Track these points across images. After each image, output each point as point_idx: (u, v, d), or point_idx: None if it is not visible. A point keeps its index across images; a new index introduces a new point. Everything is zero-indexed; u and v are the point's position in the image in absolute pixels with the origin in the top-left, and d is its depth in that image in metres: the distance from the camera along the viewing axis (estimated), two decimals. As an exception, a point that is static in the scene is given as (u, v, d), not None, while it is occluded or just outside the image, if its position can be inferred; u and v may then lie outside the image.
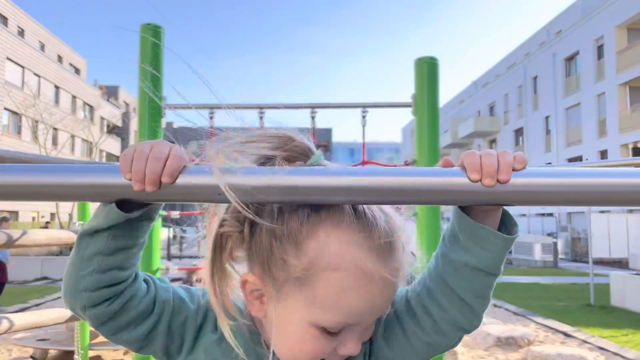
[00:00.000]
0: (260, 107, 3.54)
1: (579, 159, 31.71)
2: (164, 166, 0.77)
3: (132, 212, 0.83)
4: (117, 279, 0.87)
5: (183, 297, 0.96)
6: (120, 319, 0.89)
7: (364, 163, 3.51)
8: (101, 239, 0.84)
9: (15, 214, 33.01)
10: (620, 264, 19.91)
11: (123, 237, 0.85)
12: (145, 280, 0.93)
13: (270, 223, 0.85)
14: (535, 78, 37.93)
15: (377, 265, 0.85)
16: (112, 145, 46.87)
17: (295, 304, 0.88)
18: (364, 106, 3.66)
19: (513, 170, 0.77)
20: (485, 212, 0.85)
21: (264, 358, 0.94)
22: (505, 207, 0.88)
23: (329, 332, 0.87)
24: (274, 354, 0.92)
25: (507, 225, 0.88)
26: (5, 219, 11.07)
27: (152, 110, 3.25)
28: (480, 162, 0.78)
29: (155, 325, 0.92)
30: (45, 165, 0.76)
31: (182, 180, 0.77)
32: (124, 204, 0.83)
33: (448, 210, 0.86)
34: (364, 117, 3.64)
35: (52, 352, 6.41)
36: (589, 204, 0.75)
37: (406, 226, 0.93)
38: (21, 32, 36.00)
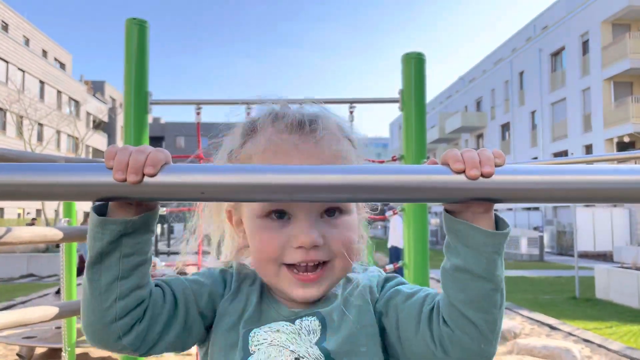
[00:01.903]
0: (247, 103, 3.52)
1: (564, 153, 31.99)
2: (147, 157, 0.77)
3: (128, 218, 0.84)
4: (141, 298, 0.88)
5: (196, 279, 1.01)
6: (153, 330, 0.91)
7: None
8: (112, 263, 0.84)
9: (0, 210, 32.66)
10: (605, 257, 20.15)
11: (132, 254, 0.85)
12: (157, 284, 0.95)
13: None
14: (521, 73, 38.18)
15: (291, 139, 0.95)
16: (99, 140, 46.48)
17: (245, 206, 1.00)
18: (352, 102, 3.65)
19: (495, 165, 0.78)
20: (474, 215, 0.84)
21: (266, 297, 1.02)
22: (500, 217, 0.86)
23: (276, 220, 0.95)
24: (270, 290, 1.02)
25: (501, 229, 0.86)
26: None
27: (138, 105, 3.23)
28: (462, 155, 0.79)
29: (186, 316, 0.96)
30: (25, 165, 0.75)
31: (165, 178, 0.76)
32: (116, 216, 0.84)
33: (435, 205, 0.86)
34: (351, 112, 3.64)
35: (39, 350, 6.37)
36: (574, 201, 0.76)
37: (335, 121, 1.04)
38: (5, 27, 35.51)
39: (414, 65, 3.51)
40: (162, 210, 4.32)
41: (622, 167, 0.75)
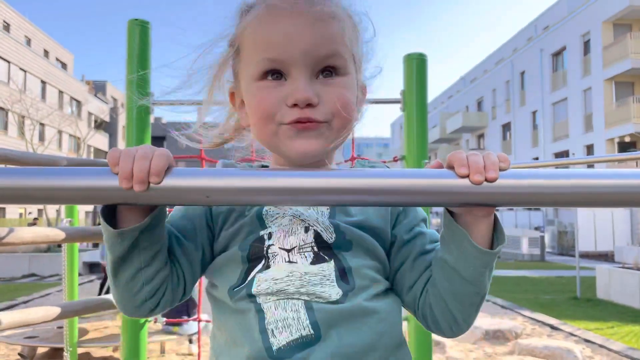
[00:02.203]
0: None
1: (565, 153, 31.96)
2: (150, 164, 0.77)
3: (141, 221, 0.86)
4: (164, 277, 0.92)
5: (182, 215, 1.02)
6: (177, 295, 0.97)
7: (352, 159, 3.52)
8: (133, 260, 0.88)
9: (2, 210, 32.70)
10: (606, 257, 20.13)
11: (150, 246, 0.89)
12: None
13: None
14: (522, 73, 38.14)
15: (286, 7, 0.92)
16: (100, 140, 46.51)
17: (243, 77, 0.99)
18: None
19: (500, 170, 0.78)
20: (474, 218, 0.87)
21: None
22: (498, 218, 0.89)
23: (272, 80, 0.94)
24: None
25: (497, 237, 0.89)
26: None
27: (140, 106, 3.23)
28: (467, 159, 0.79)
29: (196, 261, 0.98)
30: (34, 169, 0.76)
31: (170, 182, 0.77)
32: (125, 219, 0.86)
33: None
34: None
35: (41, 350, 6.37)
36: (578, 205, 0.76)
37: None
38: (7, 27, 35.55)
39: (416, 66, 3.51)
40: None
41: (625, 171, 0.75)
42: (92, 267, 15.08)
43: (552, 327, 8.28)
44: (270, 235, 0.95)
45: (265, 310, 0.90)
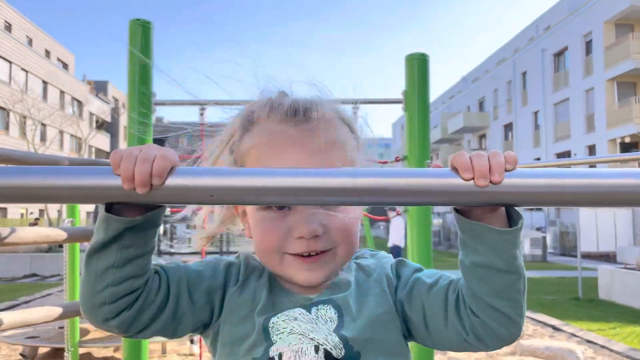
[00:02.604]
0: (249, 103, 3.51)
1: (567, 154, 31.93)
2: (152, 167, 0.77)
3: (134, 217, 0.84)
4: (133, 288, 0.89)
5: (196, 269, 1.01)
6: (140, 319, 0.92)
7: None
8: (110, 253, 0.85)
9: (3, 210, 32.74)
10: (608, 257, 20.09)
11: (131, 247, 0.86)
12: (157, 272, 0.95)
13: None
14: (524, 73, 38.11)
15: (287, 129, 0.96)
16: (102, 141, 46.55)
17: None
18: (355, 102, 3.66)
19: (505, 170, 0.78)
20: (484, 211, 0.85)
21: (276, 287, 1.02)
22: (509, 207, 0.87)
23: (276, 211, 0.95)
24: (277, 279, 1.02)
25: (514, 219, 0.87)
26: None
27: (142, 106, 3.23)
28: (472, 163, 0.78)
29: (176, 307, 0.95)
30: (37, 167, 0.76)
31: (173, 182, 0.77)
32: (124, 212, 0.84)
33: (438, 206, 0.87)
34: (354, 112, 3.64)
35: (42, 350, 6.38)
36: (582, 204, 0.76)
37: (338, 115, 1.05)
38: (8, 27, 35.60)
39: (417, 66, 3.51)
40: (167, 211, 4.32)
41: (626, 170, 0.75)
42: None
43: (554, 328, 8.27)
44: (280, 356, 0.94)
45: None
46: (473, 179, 0.77)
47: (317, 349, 0.94)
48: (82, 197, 0.77)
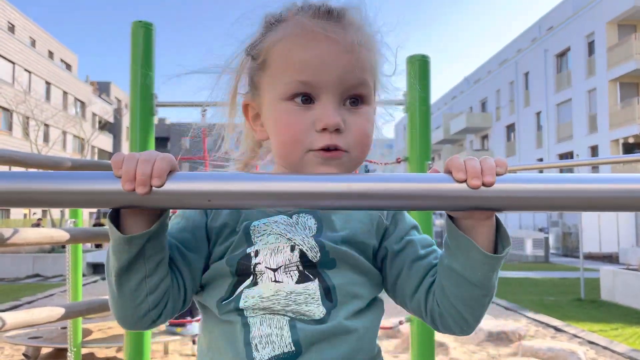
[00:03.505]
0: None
1: (569, 154, 31.87)
2: (153, 168, 0.78)
3: (149, 226, 0.86)
4: (167, 286, 0.93)
5: (178, 225, 1.02)
6: (177, 306, 0.97)
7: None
8: (139, 268, 0.89)
9: (6, 211, 32.80)
10: (611, 258, 20.06)
11: (154, 255, 0.89)
12: None
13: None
14: (526, 74, 38.06)
15: (319, 23, 0.93)
16: (104, 141, 46.63)
17: (267, 92, 0.99)
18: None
19: (497, 174, 0.79)
20: (476, 221, 0.88)
21: None
22: (500, 220, 0.90)
23: (300, 103, 0.94)
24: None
25: (502, 240, 0.90)
26: None
27: (144, 107, 3.24)
28: (465, 164, 0.80)
29: (191, 271, 0.98)
30: (38, 172, 0.77)
31: (172, 186, 0.78)
32: (127, 226, 0.86)
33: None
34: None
35: (45, 350, 6.39)
36: (575, 209, 0.77)
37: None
38: (11, 28, 35.68)
39: (419, 67, 3.52)
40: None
41: (622, 175, 0.75)
42: (96, 268, 15.11)
43: (556, 329, 8.26)
44: (257, 253, 0.97)
45: (251, 325, 0.94)
46: (466, 180, 0.78)
47: (292, 249, 0.96)
48: (83, 202, 0.78)
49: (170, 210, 0.91)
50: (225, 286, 0.98)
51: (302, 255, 0.96)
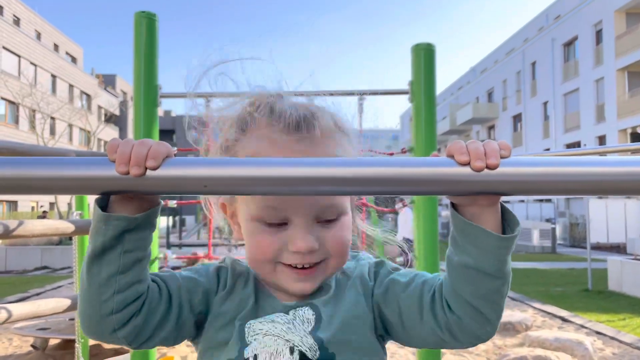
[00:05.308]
0: (253, 95, 3.50)
1: (577, 144, 31.69)
2: (148, 150, 0.77)
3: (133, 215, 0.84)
4: (139, 292, 0.89)
5: (190, 276, 1.01)
6: (149, 325, 0.91)
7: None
8: (113, 259, 0.85)
9: (14, 204, 33.01)
10: (618, 249, 19.99)
11: (133, 250, 0.86)
12: (153, 280, 0.95)
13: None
14: (533, 64, 37.80)
15: (288, 139, 0.95)
16: (110, 134, 46.72)
17: (240, 203, 1.00)
18: (361, 93, 3.63)
19: (501, 157, 0.77)
20: (480, 208, 0.84)
21: (260, 293, 1.02)
22: (505, 205, 0.87)
23: (271, 225, 0.95)
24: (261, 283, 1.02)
25: (510, 224, 0.87)
26: None
27: (148, 98, 3.24)
28: (467, 147, 0.78)
29: (179, 314, 0.96)
30: (27, 158, 0.75)
31: (167, 171, 0.76)
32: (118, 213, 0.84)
33: (446, 197, 0.86)
34: (360, 104, 3.62)
35: (53, 341, 6.45)
36: (581, 193, 0.75)
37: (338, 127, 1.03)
38: (17, 21, 35.74)
39: (424, 57, 3.48)
40: (173, 203, 4.33)
41: (629, 158, 0.73)
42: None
43: (563, 319, 8.24)
44: (255, 357, 0.94)
45: None
46: (469, 162, 0.76)
47: (292, 351, 0.95)
48: (76, 188, 0.77)
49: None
50: None
51: (302, 355, 0.95)
